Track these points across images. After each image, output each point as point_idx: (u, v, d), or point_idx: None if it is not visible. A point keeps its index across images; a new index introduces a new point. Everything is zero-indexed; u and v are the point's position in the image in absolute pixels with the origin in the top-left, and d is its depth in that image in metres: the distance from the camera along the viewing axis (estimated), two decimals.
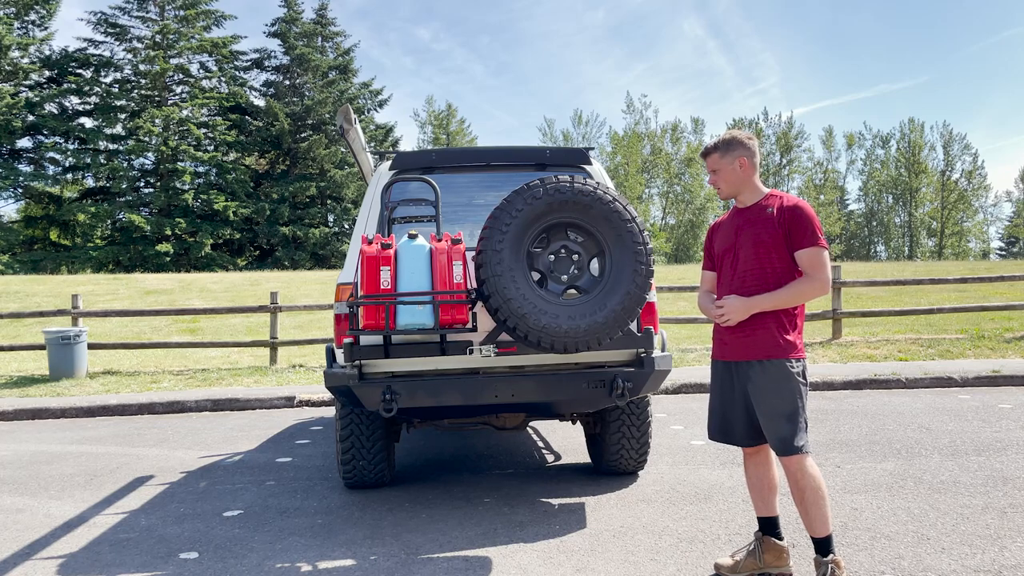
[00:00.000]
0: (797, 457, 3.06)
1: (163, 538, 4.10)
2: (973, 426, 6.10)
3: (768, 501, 3.34)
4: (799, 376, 3.12)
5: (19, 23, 39.45)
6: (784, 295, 3.11)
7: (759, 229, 3.17)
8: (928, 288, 17.00)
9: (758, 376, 3.13)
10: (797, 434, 3.07)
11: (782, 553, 3.28)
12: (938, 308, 11.72)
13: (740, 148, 3.24)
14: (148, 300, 18.54)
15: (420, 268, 3.76)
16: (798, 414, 3.08)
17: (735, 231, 3.27)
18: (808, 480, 3.07)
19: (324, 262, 41.15)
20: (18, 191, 38.92)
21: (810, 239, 3.11)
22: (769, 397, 3.10)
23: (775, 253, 3.15)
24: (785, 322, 3.15)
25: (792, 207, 3.15)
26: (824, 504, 3.09)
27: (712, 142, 3.32)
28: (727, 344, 3.27)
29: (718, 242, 3.39)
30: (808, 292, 3.10)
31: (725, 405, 3.32)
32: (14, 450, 6.52)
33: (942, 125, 77.03)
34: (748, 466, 3.38)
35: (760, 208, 3.22)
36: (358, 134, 4.91)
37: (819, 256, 3.10)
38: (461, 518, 4.27)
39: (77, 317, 10.95)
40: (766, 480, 3.33)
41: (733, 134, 3.28)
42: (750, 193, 3.27)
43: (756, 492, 3.36)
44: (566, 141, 59.10)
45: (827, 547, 3.10)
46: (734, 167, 3.24)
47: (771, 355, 3.12)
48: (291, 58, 44.68)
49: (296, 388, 8.98)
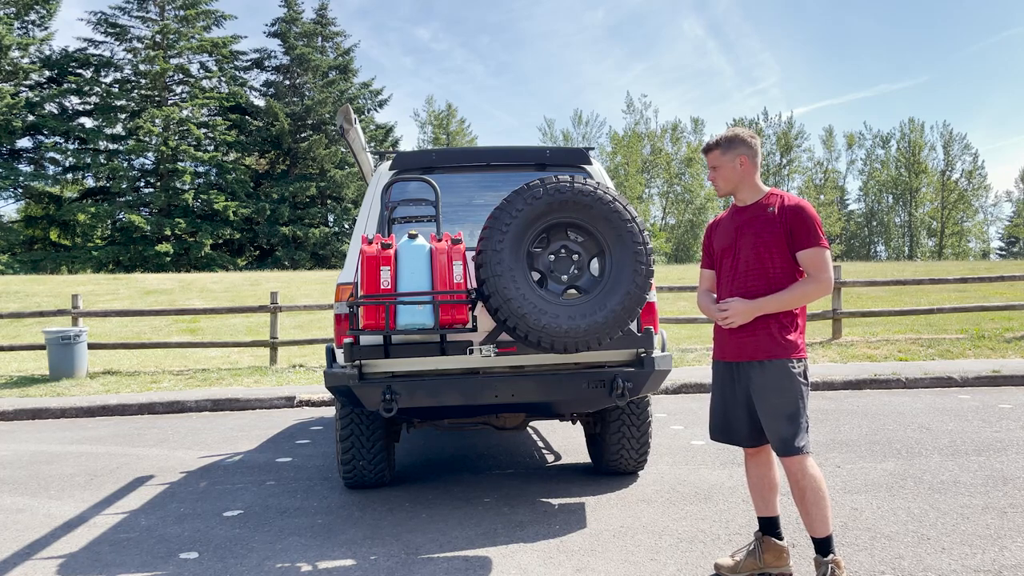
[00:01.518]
0: (798, 457, 3.06)
1: (163, 538, 4.10)
2: (973, 426, 6.09)
3: (769, 501, 3.34)
4: (800, 376, 3.11)
5: (19, 23, 39.44)
6: (788, 297, 3.10)
7: (760, 228, 3.16)
8: (928, 288, 17.00)
9: (759, 376, 3.13)
10: (798, 434, 3.06)
11: (782, 553, 3.28)
12: (938, 308, 11.72)
13: (742, 146, 3.23)
14: (148, 300, 18.55)
15: (420, 268, 3.76)
16: (799, 414, 3.08)
17: (735, 230, 3.25)
18: (809, 480, 3.07)
19: (324, 262, 41.15)
20: (18, 191, 38.94)
21: (813, 239, 3.10)
22: (771, 397, 3.10)
23: (776, 253, 3.14)
24: (786, 322, 3.14)
25: (794, 207, 3.14)
26: (825, 504, 3.09)
27: (714, 138, 3.30)
28: (729, 345, 3.26)
29: (717, 241, 3.37)
30: (812, 293, 3.10)
31: (727, 405, 3.31)
32: (14, 450, 6.52)
33: (942, 125, 77.15)
34: (749, 466, 3.38)
35: (761, 207, 3.21)
36: (358, 134, 4.91)
37: (822, 256, 3.09)
38: (461, 518, 4.27)
39: (77, 317, 10.95)
40: (767, 480, 3.33)
41: (736, 132, 3.26)
42: (750, 191, 3.26)
43: (757, 492, 3.36)
44: (566, 141, 59.10)
45: (827, 547, 3.10)
46: (734, 165, 3.22)
47: (772, 355, 3.11)
48: (291, 58, 44.68)
49: (296, 388, 8.98)
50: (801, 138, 61.92)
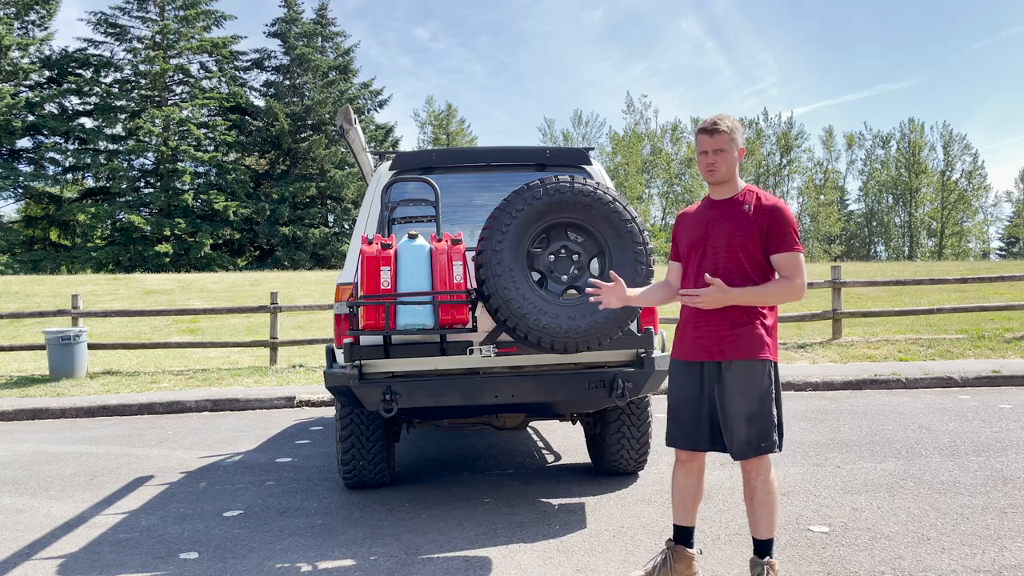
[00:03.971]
0: (761, 458, 3.03)
1: (163, 538, 4.10)
2: (973, 426, 6.09)
3: (691, 511, 3.24)
4: (769, 377, 3.05)
5: (19, 23, 39.44)
6: (762, 292, 2.99)
7: (734, 226, 3.03)
8: (928, 288, 16.99)
9: (727, 376, 3.02)
10: (767, 435, 3.02)
11: (692, 562, 3.20)
12: (938, 308, 11.71)
13: (741, 137, 3.10)
14: (148, 300, 18.54)
15: (420, 268, 3.77)
16: (771, 415, 3.03)
17: (708, 225, 3.10)
18: (762, 481, 3.04)
19: (324, 262, 41.14)
20: (18, 191, 38.93)
21: (789, 243, 3.00)
22: (737, 398, 3.01)
23: (749, 253, 3.02)
24: (767, 323, 3.06)
25: (772, 207, 3.02)
26: (774, 508, 3.05)
27: (723, 121, 3.06)
28: (699, 344, 3.09)
29: (686, 235, 3.19)
30: (787, 294, 2.99)
31: (691, 407, 3.14)
32: (14, 450, 6.52)
33: (942, 125, 77.13)
34: (680, 474, 3.24)
35: (736, 204, 3.07)
36: (358, 134, 4.91)
37: (798, 261, 3.00)
38: (461, 518, 4.27)
39: (77, 317, 10.95)
40: (696, 489, 3.24)
41: (735, 120, 3.11)
42: (732, 184, 3.11)
43: (681, 501, 3.24)
44: (566, 141, 59.07)
45: (767, 550, 3.07)
46: (735, 154, 3.07)
47: (748, 355, 3.01)
48: (291, 58, 44.67)
49: (296, 388, 8.98)
50: (801, 138, 61.88)
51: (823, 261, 50.28)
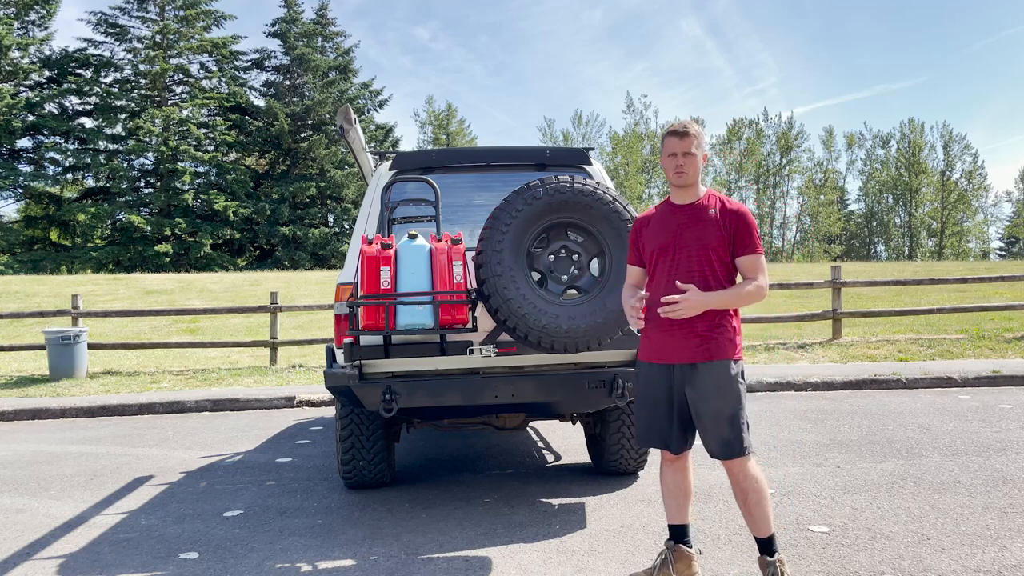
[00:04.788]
0: (740, 459, 3.04)
1: (163, 538, 4.10)
2: (973, 426, 6.09)
3: (684, 509, 3.25)
4: (740, 377, 3.08)
5: (19, 23, 39.45)
6: (736, 294, 3.05)
7: (703, 231, 3.07)
8: (928, 288, 17.00)
9: (702, 377, 3.04)
10: (741, 436, 3.03)
11: (691, 561, 3.21)
12: (938, 308, 11.71)
13: (705, 144, 3.18)
14: (148, 300, 18.54)
15: (420, 268, 3.77)
16: (741, 415, 3.05)
17: (675, 229, 3.12)
18: (751, 482, 3.05)
19: (324, 262, 41.15)
20: (18, 191, 38.94)
21: (753, 246, 3.08)
22: (714, 399, 3.03)
23: (719, 256, 3.08)
24: (729, 323, 3.09)
25: (737, 211, 3.09)
26: (766, 504, 3.06)
27: (691, 126, 3.09)
28: (671, 345, 3.10)
29: (650, 239, 3.19)
30: (754, 296, 3.06)
31: (660, 408, 3.17)
32: (14, 450, 6.52)
33: (942, 125, 77.18)
34: (667, 472, 3.27)
35: (701, 208, 3.11)
36: (358, 134, 4.91)
37: (761, 262, 3.09)
38: (461, 518, 4.27)
39: (77, 317, 10.95)
40: (684, 486, 3.25)
41: (700, 128, 3.15)
42: (695, 189, 3.15)
43: (672, 499, 3.26)
44: (566, 141, 59.07)
45: (771, 547, 3.08)
46: (700, 159, 3.12)
47: (716, 356, 3.03)
48: (291, 58, 44.68)
49: (296, 388, 8.98)
50: (801, 138, 61.86)
51: (823, 261, 50.29)
